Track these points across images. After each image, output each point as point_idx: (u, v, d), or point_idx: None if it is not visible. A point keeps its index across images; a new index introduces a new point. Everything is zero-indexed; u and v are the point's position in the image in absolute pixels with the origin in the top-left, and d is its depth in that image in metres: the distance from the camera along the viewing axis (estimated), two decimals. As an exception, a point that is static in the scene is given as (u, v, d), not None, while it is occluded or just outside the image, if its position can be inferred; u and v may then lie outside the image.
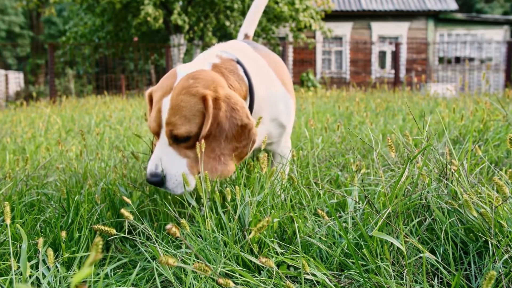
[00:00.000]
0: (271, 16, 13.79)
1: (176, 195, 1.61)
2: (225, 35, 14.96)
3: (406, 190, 1.44)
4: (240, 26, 13.71)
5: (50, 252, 1.21)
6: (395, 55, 13.29)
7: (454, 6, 17.47)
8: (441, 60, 18.15)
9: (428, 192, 1.39)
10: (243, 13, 13.69)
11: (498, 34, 17.92)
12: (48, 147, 2.38)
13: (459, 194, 1.31)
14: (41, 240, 1.21)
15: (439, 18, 17.84)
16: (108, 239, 1.58)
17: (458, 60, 17.74)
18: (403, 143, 1.77)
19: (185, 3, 13.55)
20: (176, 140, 1.50)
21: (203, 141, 1.45)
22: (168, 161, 1.50)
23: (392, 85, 12.42)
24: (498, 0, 34.63)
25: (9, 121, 5.61)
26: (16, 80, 17.69)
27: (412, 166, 1.45)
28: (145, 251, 1.44)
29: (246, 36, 2.41)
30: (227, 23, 13.52)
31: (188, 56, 16.41)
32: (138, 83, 16.74)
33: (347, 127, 3.53)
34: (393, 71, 16.48)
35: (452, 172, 1.39)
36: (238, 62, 1.67)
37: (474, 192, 1.32)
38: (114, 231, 1.08)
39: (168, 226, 0.80)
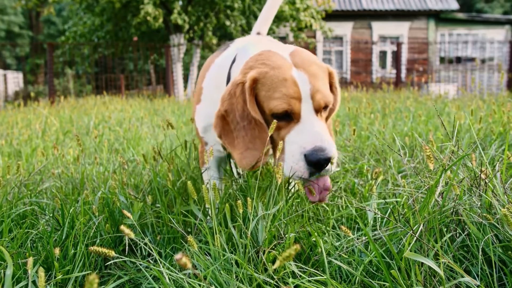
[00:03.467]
0: (271, 16, 13.63)
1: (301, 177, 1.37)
2: (225, 35, 14.82)
3: (435, 202, 1.31)
4: (240, 25, 13.58)
5: (41, 273, 1.08)
6: (397, 55, 13.15)
7: (455, 5, 17.35)
8: (442, 60, 18.02)
9: (459, 204, 1.26)
10: (243, 13, 13.56)
11: (499, 34, 17.79)
12: (43, 152, 2.25)
13: (497, 207, 1.18)
14: (30, 261, 1.08)
15: (440, 17, 17.71)
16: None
17: (459, 60, 17.61)
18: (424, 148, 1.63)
19: (185, 2, 13.42)
20: (320, 110, 1.39)
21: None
22: (327, 134, 1.35)
23: (394, 85, 12.29)
24: (498, 0, 34.52)
25: (5, 123, 5.47)
26: (15, 80, 17.54)
27: (440, 175, 1.31)
28: (147, 267, 1.30)
29: (259, 35, 2.28)
30: (227, 23, 13.37)
31: (188, 56, 16.27)
32: (138, 83, 16.60)
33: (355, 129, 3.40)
34: (394, 71, 16.35)
35: (485, 182, 1.26)
36: None
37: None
38: (112, 253, 0.95)
39: (178, 257, 0.67)
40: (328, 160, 1.29)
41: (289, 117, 1.35)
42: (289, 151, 1.33)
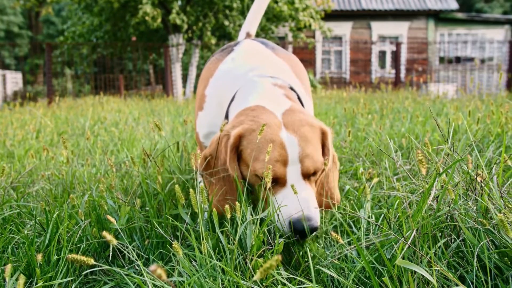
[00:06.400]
0: (270, 16, 13.61)
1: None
2: (224, 35, 14.77)
3: (429, 206, 1.27)
4: (239, 25, 13.53)
5: (21, 280, 1.04)
6: (396, 55, 13.12)
7: (454, 5, 17.31)
8: (441, 60, 17.99)
9: (454, 209, 1.22)
10: (242, 13, 13.52)
11: (499, 33, 17.75)
12: (32, 155, 2.21)
13: (493, 212, 1.15)
14: (8, 267, 1.04)
15: (440, 17, 17.68)
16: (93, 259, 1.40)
17: (458, 60, 17.58)
18: (420, 151, 1.60)
19: (184, 2, 13.38)
20: (309, 176, 1.34)
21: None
22: (314, 201, 1.32)
23: (393, 85, 12.25)
24: (498, 0, 34.48)
25: (0, 123, 5.42)
26: (13, 80, 17.52)
27: (434, 179, 1.28)
28: (127, 275, 1.27)
29: (248, 35, 2.26)
30: (226, 23, 13.34)
31: (187, 56, 16.23)
32: (137, 83, 16.58)
33: (351, 130, 3.36)
34: (393, 71, 16.32)
35: (481, 185, 1.22)
36: (292, 89, 1.57)
37: (509, 210, 1.16)
38: (91, 261, 0.91)
39: (152, 268, 0.63)
40: (313, 230, 1.27)
41: (274, 180, 1.31)
42: (275, 211, 1.31)
